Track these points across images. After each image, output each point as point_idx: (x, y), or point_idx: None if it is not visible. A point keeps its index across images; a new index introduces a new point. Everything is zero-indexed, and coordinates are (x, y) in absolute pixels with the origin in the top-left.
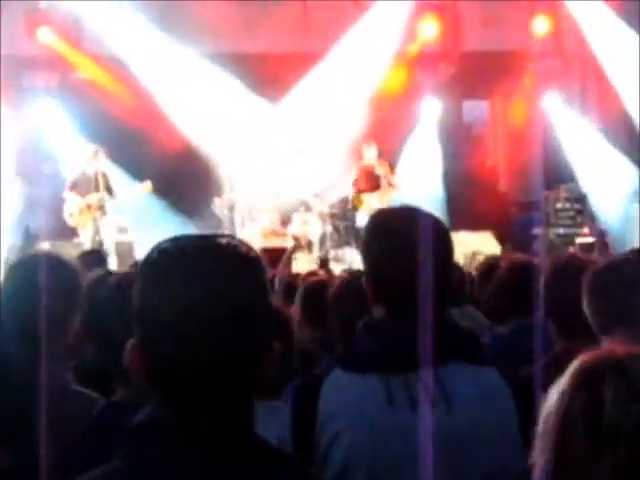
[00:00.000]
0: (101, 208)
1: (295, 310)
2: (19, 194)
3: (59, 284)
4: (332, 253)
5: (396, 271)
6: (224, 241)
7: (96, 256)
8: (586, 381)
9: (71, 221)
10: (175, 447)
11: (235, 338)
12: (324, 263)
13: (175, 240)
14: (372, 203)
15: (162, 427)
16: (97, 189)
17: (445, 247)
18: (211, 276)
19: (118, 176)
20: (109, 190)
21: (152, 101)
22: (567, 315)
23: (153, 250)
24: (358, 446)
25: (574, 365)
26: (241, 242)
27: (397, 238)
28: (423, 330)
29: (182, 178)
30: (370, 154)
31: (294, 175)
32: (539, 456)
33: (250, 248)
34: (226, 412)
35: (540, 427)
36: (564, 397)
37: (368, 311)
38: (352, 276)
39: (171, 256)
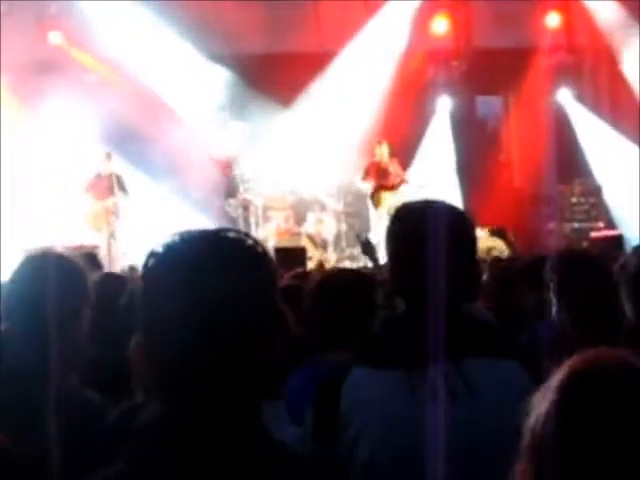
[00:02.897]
0: (116, 212)
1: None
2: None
3: (67, 283)
4: (347, 252)
5: (417, 265)
6: (230, 236)
7: (91, 259)
8: (572, 389)
9: (86, 224)
10: (178, 447)
11: (240, 335)
12: (321, 266)
13: (180, 235)
14: (390, 201)
15: (166, 427)
16: (112, 192)
17: (468, 242)
18: (216, 272)
19: (133, 178)
20: (124, 192)
21: (163, 103)
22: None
23: (158, 245)
24: (383, 441)
25: (561, 371)
26: (247, 236)
27: (420, 232)
28: (444, 324)
29: (195, 179)
30: (382, 152)
31: (308, 174)
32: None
33: (257, 242)
34: (231, 410)
35: (527, 437)
36: (551, 405)
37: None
38: (327, 275)
39: (176, 251)
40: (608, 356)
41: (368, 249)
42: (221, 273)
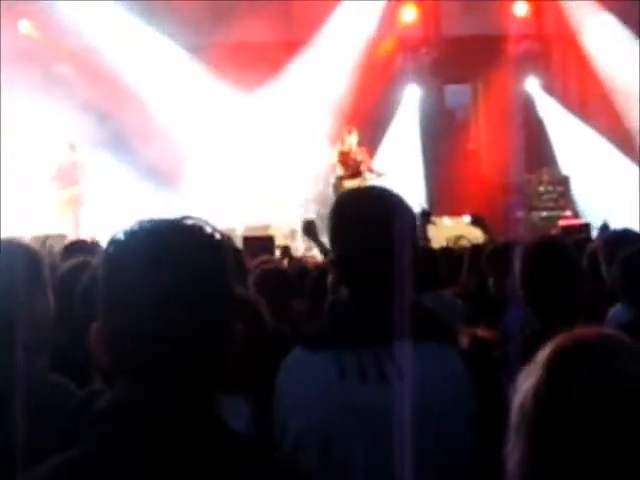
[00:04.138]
0: (79, 200)
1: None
2: None
3: (19, 268)
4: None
5: (356, 251)
6: (189, 223)
7: (83, 245)
8: (558, 365)
9: (51, 213)
10: (139, 431)
11: (197, 320)
12: (286, 251)
13: (140, 223)
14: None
15: (126, 411)
16: (77, 181)
17: (407, 226)
18: (175, 258)
19: (101, 167)
20: (88, 181)
21: (133, 93)
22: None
23: (119, 232)
24: (310, 422)
25: (545, 350)
26: (207, 224)
27: (358, 219)
28: (378, 308)
29: (163, 168)
30: (350, 140)
31: (273, 164)
32: (513, 450)
33: (215, 230)
34: (190, 396)
35: (514, 418)
36: (538, 382)
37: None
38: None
39: (135, 238)
40: (590, 332)
41: (309, 230)
42: (180, 260)
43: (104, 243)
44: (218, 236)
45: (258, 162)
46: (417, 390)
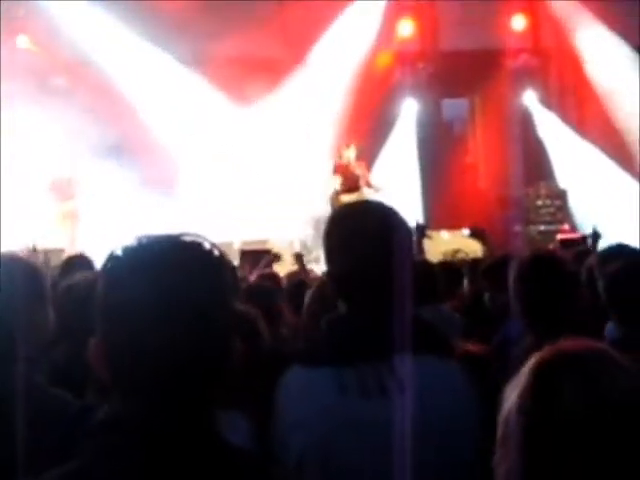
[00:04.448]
0: (75, 214)
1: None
2: None
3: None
4: (313, 253)
5: (353, 266)
6: (187, 240)
7: (82, 260)
8: (544, 376)
9: (50, 227)
10: (137, 445)
11: (195, 336)
12: (299, 258)
13: (138, 238)
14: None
15: (124, 425)
16: (73, 195)
17: (404, 240)
18: (174, 274)
19: (98, 180)
20: (85, 195)
21: (131, 106)
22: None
23: (117, 248)
24: (312, 439)
25: (532, 362)
26: (205, 240)
27: (354, 233)
28: (377, 322)
29: (161, 181)
30: (348, 154)
31: (272, 178)
32: (500, 462)
33: (214, 246)
34: (188, 410)
35: (500, 429)
36: (524, 394)
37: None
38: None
39: (134, 254)
40: (574, 344)
41: (299, 261)
42: (179, 277)
43: (100, 257)
44: (217, 252)
45: (256, 176)
46: (417, 404)
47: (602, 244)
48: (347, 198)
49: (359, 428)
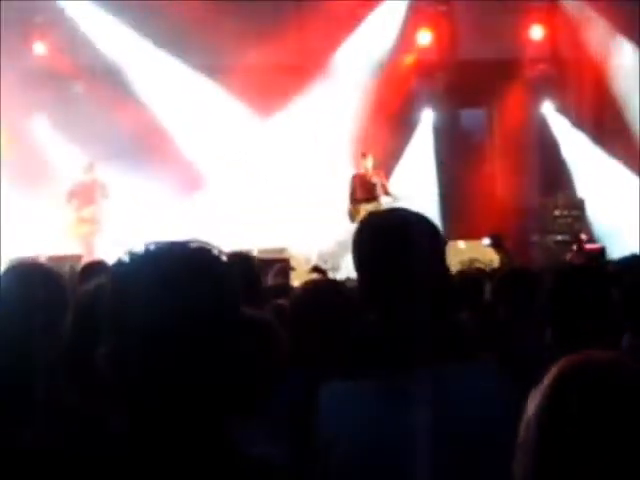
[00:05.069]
0: (95, 220)
1: None
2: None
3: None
4: (330, 262)
5: (388, 271)
6: (195, 246)
7: (101, 266)
8: (562, 385)
9: (68, 234)
10: (143, 461)
11: (204, 345)
12: (317, 269)
13: (146, 246)
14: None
15: (133, 435)
16: (94, 200)
17: (436, 246)
18: (180, 281)
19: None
20: (107, 199)
21: (150, 114)
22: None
23: (124, 256)
24: (352, 451)
25: (552, 371)
26: (212, 247)
27: (388, 237)
28: (411, 329)
29: (180, 188)
30: (366, 164)
31: (290, 189)
32: (518, 465)
33: (221, 253)
34: (199, 419)
35: (520, 434)
36: (540, 402)
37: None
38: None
39: (141, 262)
40: (597, 355)
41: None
42: (187, 284)
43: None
44: (224, 259)
45: (274, 183)
46: (450, 412)
47: (618, 254)
48: (366, 208)
49: (398, 439)
